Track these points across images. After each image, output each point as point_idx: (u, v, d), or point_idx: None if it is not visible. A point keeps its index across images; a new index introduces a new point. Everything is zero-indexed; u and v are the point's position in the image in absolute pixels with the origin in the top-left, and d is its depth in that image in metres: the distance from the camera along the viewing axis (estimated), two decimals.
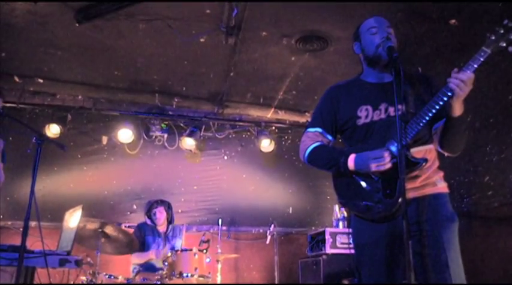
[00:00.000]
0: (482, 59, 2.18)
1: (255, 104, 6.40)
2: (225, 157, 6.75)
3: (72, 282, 4.29)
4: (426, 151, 2.38)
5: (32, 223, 2.89)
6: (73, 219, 3.47)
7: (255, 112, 6.64)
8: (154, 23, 4.47)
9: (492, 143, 4.51)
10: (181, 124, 6.50)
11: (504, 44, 2.19)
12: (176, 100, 6.25)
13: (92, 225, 4.24)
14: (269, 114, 6.63)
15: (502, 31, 2.19)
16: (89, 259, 4.14)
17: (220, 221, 5.62)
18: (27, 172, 5.54)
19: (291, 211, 6.69)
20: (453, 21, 4.25)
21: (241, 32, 4.54)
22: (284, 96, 6.12)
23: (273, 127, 6.83)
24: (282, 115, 6.68)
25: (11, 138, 5.90)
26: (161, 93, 6.10)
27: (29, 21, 4.46)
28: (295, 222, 6.64)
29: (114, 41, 4.82)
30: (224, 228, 5.97)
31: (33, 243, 3.03)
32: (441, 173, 2.45)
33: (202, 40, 4.77)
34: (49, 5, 4.19)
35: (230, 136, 6.75)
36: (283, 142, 6.93)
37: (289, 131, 6.94)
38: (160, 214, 5.32)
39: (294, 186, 6.80)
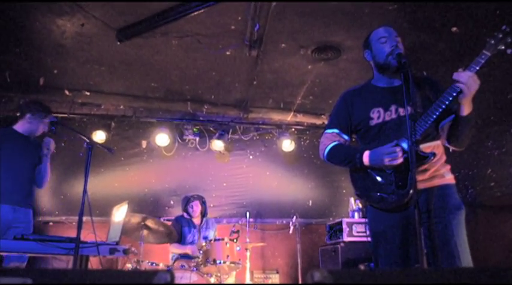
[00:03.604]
0: (483, 61, 2.16)
1: (276, 109, 6.40)
2: (251, 157, 6.76)
3: (119, 269, 4.36)
4: (434, 147, 2.36)
5: (83, 218, 2.94)
6: (119, 213, 3.52)
7: (277, 116, 6.63)
8: (186, 39, 4.52)
9: (493, 139, 4.45)
10: (211, 128, 6.54)
11: (503, 47, 2.17)
12: (206, 107, 6.29)
13: (136, 219, 4.30)
14: (289, 117, 6.61)
15: (500, 35, 2.17)
16: (133, 249, 4.19)
17: (247, 213, 5.64)
18: (77, 173, 5.75)
19: (310, 204, 6.67)
20: (455, 29, 4.19)
21: (262, 44, 4.55)
22: (302, 101, 6.11)
23: (293, 129, 6.82)
24: (300, 118, 6.66)
25: (63, 144, 6.04)
26: (193, 101, 6.15)
27: (77, 42, 4.56)
28: (314, 213, 6.61)
29: (151, 56, 4.89)
30: (251, 220, 5.99)
31: (86, 236, 3.09)
32: (448, 166, 2.43)
33: (228, 53, 4.80)
34: (94, 27, 4.27)
35: (254, 138, 6.76)
36: (302, 142, 6.91)
37: (308, 132, 6.92)
38: (197, 207, 5.36)
39: (312, 181, 6.78)
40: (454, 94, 2.15)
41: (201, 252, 4.39)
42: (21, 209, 3.87)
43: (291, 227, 5.75)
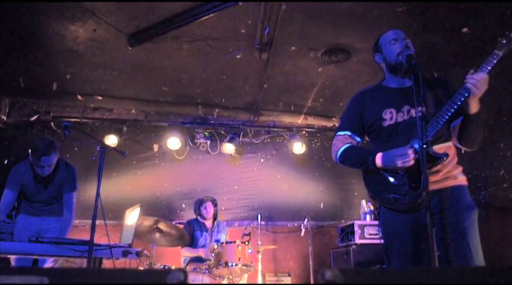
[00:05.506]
0: (494, 61, 2.15)
1: (287, 111, 6.40)
2: (262, 160, 6.76)
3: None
4: (446, 148, 2.36)
5: (97, 221, 2.96)
6: (132, 217, 3.55)
7: (287, 119, 6.62)
8: (196, 43, 4.55)
9: (506, 140, 4.40)
10: (222, 132, 6.56)
11: None
12: (217, 110, 6.30)
13: (148, 222, 4.33)
14: (300, 120, 6.60)
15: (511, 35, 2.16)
16: (146, 252, 4.21)
17: (259, 216, 5.64)
18: (90, 177, 5.76)
19: (322, 206, 6.64)
20: (465, 29, 4.17)
21: (272, 48, 4.56)
22: (313, 104, 6.09)
23: (304, 132, 6.81)
24: (311, 120, 6.64)
25: (76, 148, 6.10)
26: (203, 104, 6.17)
27: (89, 47, 4.60)
28: (326, 216, 6.58)
29: (162, 60, 4.92)
30: (263, 222, 5.98)
31: (99, 239, 3.12)
32: (460, 168, 2.42)
33: (238, 56, 4.81)
34: (106, 32, 4.32)
35: (265, 141, 6.76)
36: (313, 145, 6.89)
37: (318, 135, 6.90)
38: (210, 208, 5.39)
39: (324, 184, 6.75)
40: (466, 94, 2.15)
41: (213, 255, 4.41)
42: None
43: (303, 230, 5.75)
